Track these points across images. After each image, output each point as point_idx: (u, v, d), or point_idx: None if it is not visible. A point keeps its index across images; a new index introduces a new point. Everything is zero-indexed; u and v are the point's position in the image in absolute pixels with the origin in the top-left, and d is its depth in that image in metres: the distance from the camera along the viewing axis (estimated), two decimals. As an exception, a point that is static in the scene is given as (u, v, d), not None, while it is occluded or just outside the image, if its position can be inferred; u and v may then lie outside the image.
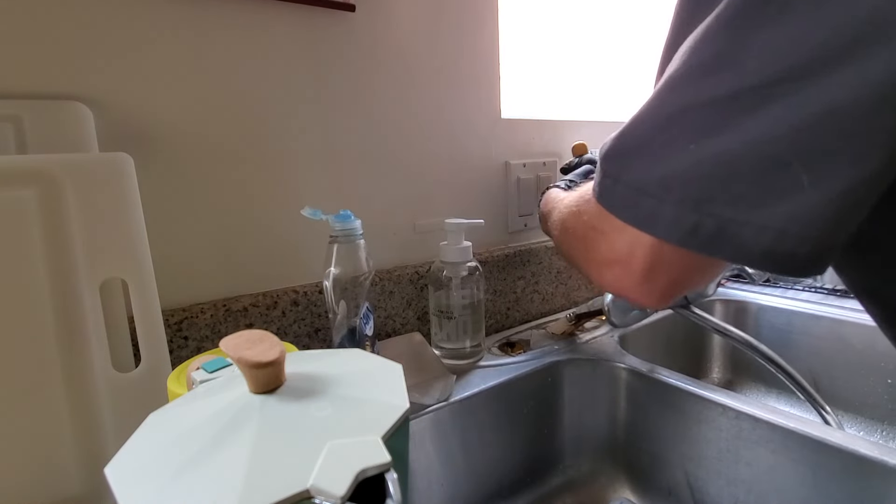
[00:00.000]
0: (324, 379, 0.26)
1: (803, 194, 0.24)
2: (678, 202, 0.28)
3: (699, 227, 0.27)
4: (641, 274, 0.32)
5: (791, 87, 0.24)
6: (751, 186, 0.26)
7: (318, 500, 0.19)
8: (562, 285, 0.83)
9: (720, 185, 0.26)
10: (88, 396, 0.40)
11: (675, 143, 0.28)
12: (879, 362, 0.71)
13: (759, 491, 0.49)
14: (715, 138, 0.26)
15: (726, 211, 0.26)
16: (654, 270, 0.31)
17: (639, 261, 0.31)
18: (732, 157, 0.26)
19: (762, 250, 0.26)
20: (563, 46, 0.90)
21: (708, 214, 0.27)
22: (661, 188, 0.28)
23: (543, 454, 0.63)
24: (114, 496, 0.20)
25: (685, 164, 0.27)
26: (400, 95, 0.63)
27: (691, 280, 0.33)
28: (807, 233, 0.25)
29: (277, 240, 0.56)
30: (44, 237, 0.39)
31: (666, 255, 0.30)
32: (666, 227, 0.28)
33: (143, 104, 0.47)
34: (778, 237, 0.25)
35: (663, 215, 0.28)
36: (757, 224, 0.26)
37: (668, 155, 0.28)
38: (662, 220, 0.28)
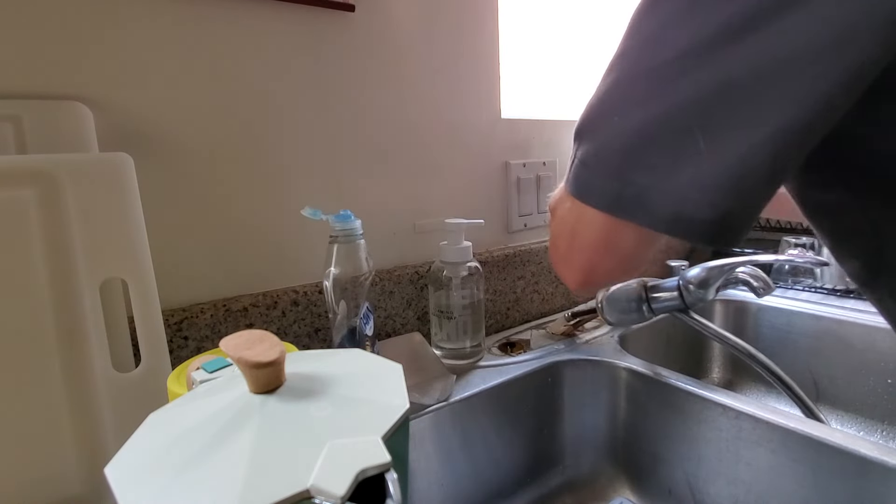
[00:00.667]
0: (324, 379, 0.26)
1: (702, 160, 0.26)
2: (605, 171, 0.30)
3: (621, 194, 0.29)
4: (563, 253, 0.35)
5: (694, 60, 0.26)
6: (662, 154, 0.27)
7: (318, 500, 0.19)
8: (562, 285, 0.83)
9: (638, 154, 0.28)
10: (88, 396, 0.40)
11: (607, 116, 0.30)
12: (879, 362, 0.71)
13: (759, 491, 0.49)
14: (636, 109, 0.28)
15: (643, 178, 0.28)
16: (571, 250, 0.34)
17: (562, 238, 0.34)
18: (648, 127, 0.28)
19: (669, 215, 0.27)
20: (563, 46, 0.90)
21: (629, 182, 0.29)
22: (594, 159, 0.31)
23: (543, 454, 0.63)
24: (114, 496, 0.20)
25: (612, 135, 0.30)
26: (400, 95, 0.63)
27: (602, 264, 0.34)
28: (707, 198, 0.26)
29: (277, 240, 0.56)
30: (44, 237, 0.39)
31: (582, 235, 0.33)
32: (596, 195, 0.31)
33: (143, 104, 0.47)
34: (681, 203, 0.27)
35: (594, 185, 0.31)
36: (664, 190, 0.27)
37: (602, 128, 0.30)
38: (594, 190, 0.31)
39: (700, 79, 0.26)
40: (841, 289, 0.83)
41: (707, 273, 0.58)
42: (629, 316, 0.61)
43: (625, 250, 0.33)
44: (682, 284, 0.59)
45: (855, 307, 0.76)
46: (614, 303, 0.61)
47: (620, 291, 0.61)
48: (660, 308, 0.60)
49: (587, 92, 0.33)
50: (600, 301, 0.61)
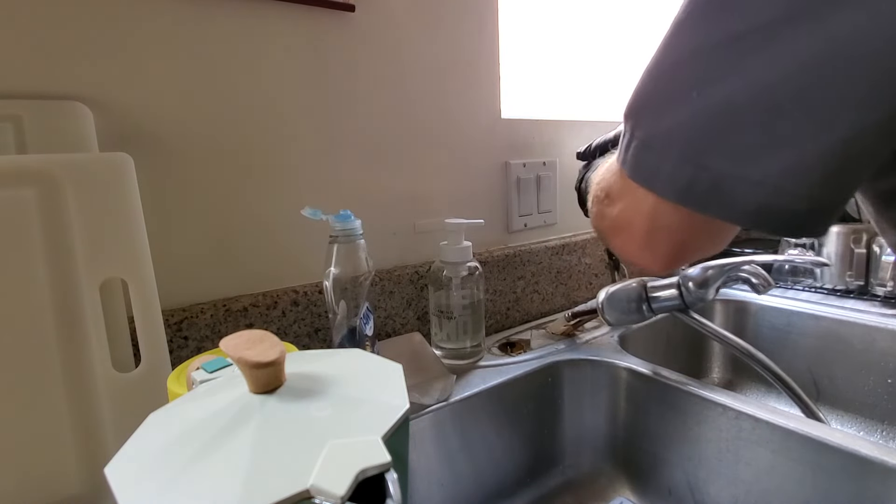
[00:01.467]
0: (324, 379, 0.26)
1: (802, 145, 0.23)
2: (677, 156, 0.26)
3: (694, 183, 0.26)
4: (642, 239, 0.31)
5: (793, 26, 0.22)
6: (749, 138, 0.24)
7: (318, 500, 0.19)
8: (562, 285, 0.83)
9: (718, 136, 0.25)
10: (88, 396, 0.40)
11: (680, 91, 0.26)
12: (879, 362, 0.71)
13: (759, 491, 0.49)
14: (717, 85, 0.24)
15: (723, 165, 0.25)
16: (653, 235, 0.31)
17: (638, 226, 0.31)
18: (732, 105, 0.24)
19: (754, 207, 0.24)
20: (563, 46, 0.90)
21: (704, 168, 0.25)
22: (664, 141, 0.27)
23: (543, 454, 0.63)
24: (114, 496, 0.20)
25: (687, 114, 0.26)
26: (400, 95, 0.63)
27: (695, 244, 0.31)
28: (803, 188, 0.23)
29: (277, 240, 0.56)
30: (44, 237, 0.39)
31: (664, 218, 0.29)
32: (663, 183, 0.27)
33: (143, 104, 0.47)
34: (773, 193, 0.24)
35: (663, 171, 0.27)
36: (752, 179, 0.24)
37: (673, 105, 0.27)
38: (661, 176, 0.27)
39: (798, 48, 0.22)
40: (841, 289, 0.83)
41: (707, 273, 0.58)
42: (629, 316, 0.61)
43: (712, 233, 0.30)
44: (681, 284, 0.59)
45: (855, 307, 0.76)
46: (615, 303, 0.61)
47: (621, 291, 0.61)
48: (660, 307, 0.60)
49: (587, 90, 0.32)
50: (601, 302, 0.61)
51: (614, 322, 0.61)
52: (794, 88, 0.22)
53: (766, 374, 0.57)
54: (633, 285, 0.61)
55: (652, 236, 0.31)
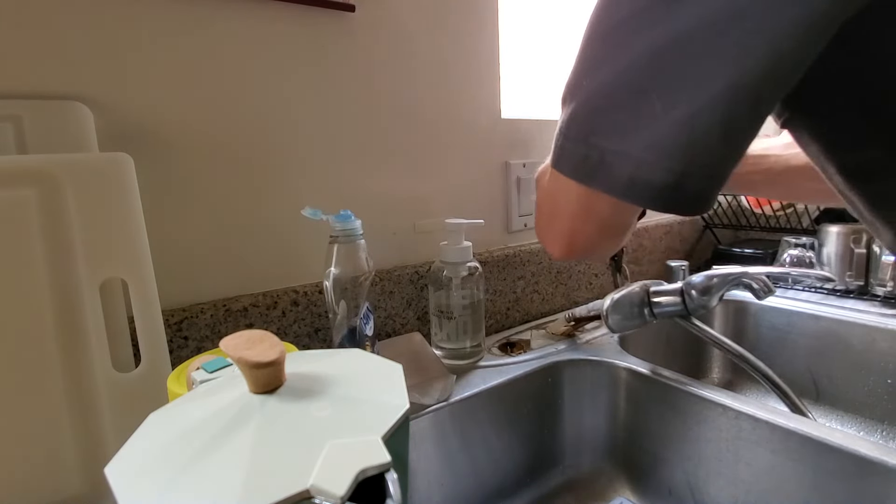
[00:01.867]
0: (324, 379, 0.26)
1: (656, 121, 0.26)
2: (575, 137, 0.30)
3: (586, 159, 0.29)
4: (544, 220, 0.35)
5: (648, 16, 0.25)
6: (621, 116, 0.27)
7: (318, 500, 0.19)
8: (562, 285, 0.83)
9: (601, 116, 0.28)
10: (88, 396, 0.40)
11: (578, 80, 0.30)
12: (879, 362, 0.71)
13: (759, 491, 0.49)
14: (596, 71, 0.28)
15: (604, 142, 0.28)
16: (551, 217, 0.34)
17: (542, 206, 0.35)
18: (607, 88, 0.28)
19: (626, 180, 0.27)
20: (563, 46, 0.90)
21: (592, 146, 0.28)
22: (568, 125, 0.30)
23: (543, 454, 0.63)
24: (114, 496, 0.20)
25: (581, 99, 0.29)
26: (400, 95, 0.63)
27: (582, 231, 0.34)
28: (662, 161, 0.26)
29: (277, 240, 0.56)
30: (44, 237, 0.39)
31: (560, 203, 0.33)
32: (566, 161, 0.31)
33: (143, 104, 0.47)
34: (636, 166, 0.26)
35: (566, 151, 0.31)
36: (624, 153, 0.27)
37: (574, 92, 0.30)
38: (564, 156, 0.31)
39: (653, 36, 0.25)
40: (841, 289, 0.83)
41: (710, 281, 0.58)
42: (632, 321, 0.61)
43: (602, 218, 0.33)
44: (685, 291, 0.59)
45: (855, 307, 0.76)
46: (619, 309, 0.60)
47: (625, 298, 0.60)
48: (661, 313, 0.60)
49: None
50: (606, 308, 0.60)
51: (617, 329, 0.61)
52: (649, 72, 0.26)
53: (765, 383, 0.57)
54: (636, 290, 0.61)
55: (551, 219, 0.34)
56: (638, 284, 0.61)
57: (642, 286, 0.61)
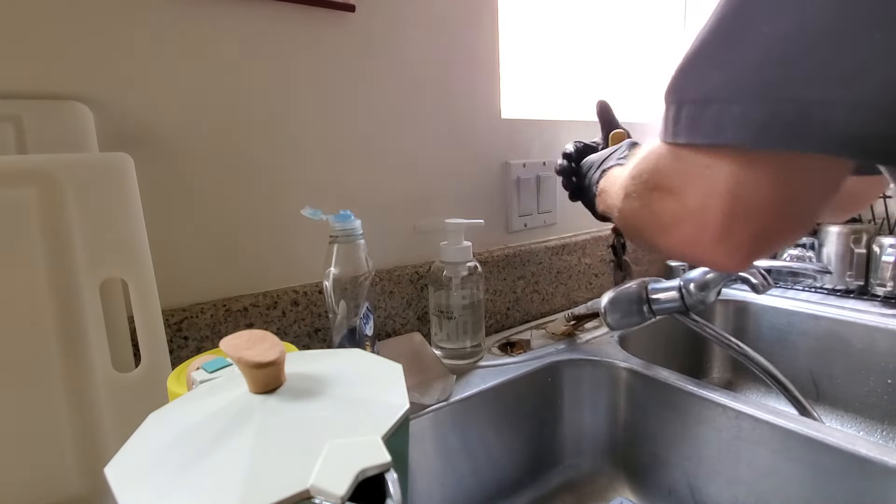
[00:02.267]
0: (324, 379, 0.26)
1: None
2: (747, 96, 0.23)
3: (775, 118, 0.22)
4: (718, 228, 0.26)
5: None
6: (834, 60, 0.21)
7: (318, 500, 0.19)
8: (562, 285, 0.83)
9: (796, 64, 0.22)
10: (88, 396, 0.40)
11: (736, 37, 0.24)
12: (879, 362, 0.71)
13: (759, 491, 0.49)
14: (785, 15, 0.22)
15: (807, 92, 0.22)
16: (732, 221, 0.26)
17: (713, 212, 0.26)
18: (808, 31, 0.22)
19: (856, 131, 0.21)
20: (563, 46, 0.90)
21: (785, 100, 0.22)
22: (727, 87, 0.24)
23: (543, 454, 0.63)
24: (114, 496, 0.20)
25: (750, 53, 0.23)
26: (400, 95, 0.63)
27: (781, 226, 0.27)
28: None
29: (277, 240, 0.56)
30: (44, 237, 0.39)
31: (747, 195, 0.25)
32: (735, 128, 0.24)
33: (143, 104, 0.47)
34: (873, 113, 0.21)
35: (730, 116, 0.24)
36: (846, 102, 0.21)
37: (729, 51, 0.24)
38: (730, 123, 0.24)
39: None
40: (841, 289, 0.83)
41: (707, 276, 0.58)
42: (630, 318, 0.61)
43: (801, 208, 0.26)
44: (683, 286, 0.59)
45: (855, 307, 0.76)
46: (617, 306, 0.61)
47: (622, 294, 0.61)
48: (660, 309, 0.60)
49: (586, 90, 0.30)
50: (604, 306, 0.60)
51: (616, 326, 0.61)
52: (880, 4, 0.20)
53: (766, 378, 0.57)
54: (634, 287, 0.61)
55: (732, 222, 0.26)
56: (636, 282, 0.62)
57: (640, 283, 0.61)
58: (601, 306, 0.61)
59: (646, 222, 0.33)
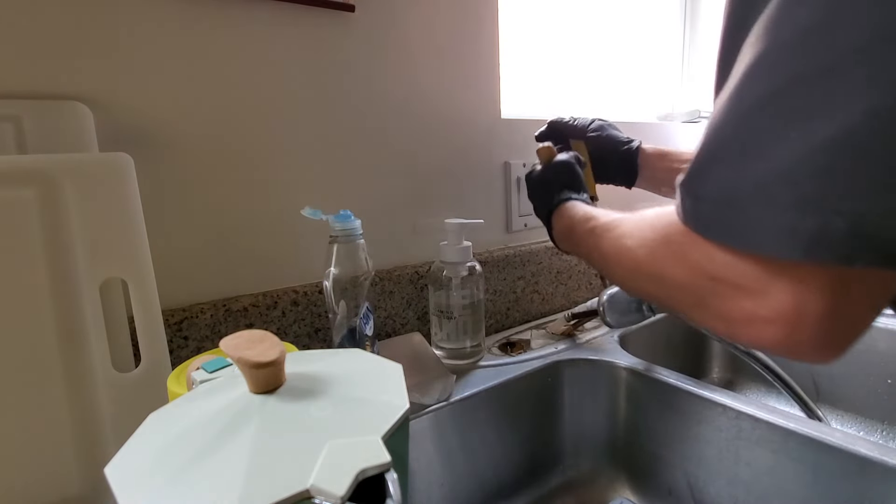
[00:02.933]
0: (324, 379, 0.26)
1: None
2: (786, 205, 0.22)
3: (825, 231, 0.21)
4: (817, 333, 0.24)
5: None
6: (883, 167, 0.20)
7: (318, 500, 0.19)
8: (561, 285, 0.83)
9: (841, 172, 0.21)
10: (88, 396, 0.40)
11: (767, 135, 0.23)
12: (879, 362, 0.71)
13: (759, 491, 0.49)
14: (823, 118, 0.21)
15: (856, 204, 0.21)
16: (833, 323, 0.24)
17: (811, 319, 0.24)
18: (852, 136, 0.20)
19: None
20: (563, 46, 0.90)
21: (833, 213, 0.21)
22: (758, 192, 0.23)
23: (543, 454, 0.63)
24: (114, 496, 0.20)
25: (786, 156, 0.22)
26: (399, 95, 0.63)
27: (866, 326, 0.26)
28: None
29: (277, 240, 0.56)
30: (44, 237, 0.39)
31: (850, 297, 0.24)
32: (775, 239, 0.23)
33: (143, 104, 0.47)
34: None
35: (766, 224, 0.23)
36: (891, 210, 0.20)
37: (761, 151, 0.23)
38: (768, 231, 0.23)
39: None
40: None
41: None
42: (629, 316, 0.61)
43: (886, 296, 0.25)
44: None
45: (855, 307, 0.76)
46: (616, 304, 0.61)
47: (621, 293, 0.61)
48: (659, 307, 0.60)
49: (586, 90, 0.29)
50: (603, 303, 0.60)
51: (615, 324, 0.61)
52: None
53: (769, 375, 0.57)
54: None
55: (832, 325, 0.24)
56: None
57: None
58: (598, 305, 0.61)
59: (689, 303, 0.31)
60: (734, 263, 0.26)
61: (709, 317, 0.29)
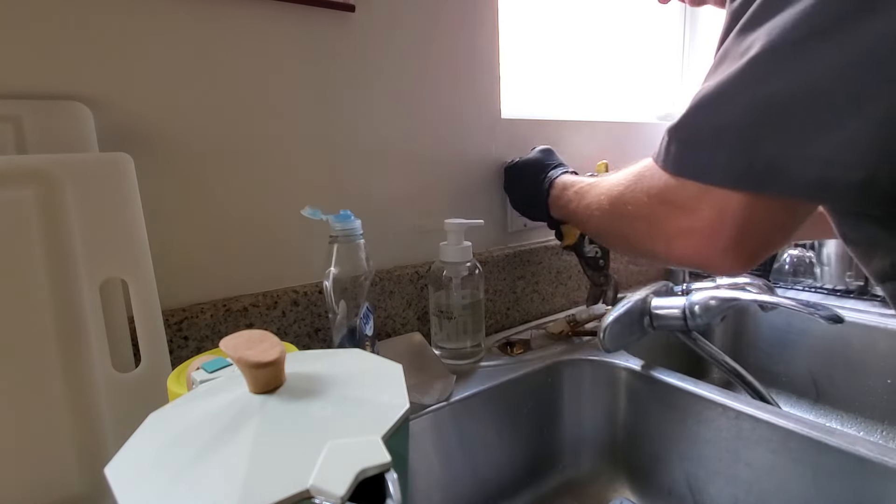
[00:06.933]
0: (324, 379, 0.26)
1: (850, 120, 0.27)
2: (730, 147, 0.31)
3: (751, 168, 0.30)
4: (730, 239, 0.33)
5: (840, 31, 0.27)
6: (799, 123, 0.28)
7: (318, 500, 0.19)
8: (561, 285, 0.83)
9: (769, 125, 0.29)
10: (88, 396, 0.40)
11: (728, 97, 0.31)
12: (879, 362, 0.71)
13: (759, 491, 0.49)
14: (766, 84, 0.29)
15: (776, 149, 0.29)
16: (743, 233, 0.33)
17: (728, 226, 0.33)
18: (783, 98, 0.29)
19: (814, 181, 0.28)
20: (563, 46, 0.90)
21: (759, 154, 0.30)
22: (715, 137, 0.32)
23: (543, 454, 0.63)
24: (114, 496, 0.20)
25: (737, 111, 0.31)
26: (399, 95, 0.63)
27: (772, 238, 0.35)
28: (857, 159, 0.27)
29: (277, 240, 0.56)
30: (44, 237, 0.39)
31: (753, 219, 0.32)
32: (722, 172, 0.31)
33: (143, 104, 0.47)
34: (825, 167, 0.28)
35: (717, 162, 0.32)
36: (806, 157, 0.28)
37: (722, 106, 0.31)
38: (717, 167, 0.32)
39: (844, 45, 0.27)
40: (841, 289, 0.83)
41: (713, 302, 0.58)
42: (630, 338, 0.61)
43: (773, 221, 0.33)
44: (687, 308, 0.59)
45: (855, 307, 0.76)
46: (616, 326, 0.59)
47: (625, 316, 0.60)
48: (662, 326, 0.61)
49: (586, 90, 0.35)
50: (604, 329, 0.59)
51: (612, 349, 0.60)
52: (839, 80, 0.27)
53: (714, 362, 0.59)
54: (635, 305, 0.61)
55: (742, 235, 0.33)
56: (637, 299, 0.61)
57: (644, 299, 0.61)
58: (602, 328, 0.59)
59: (642, 234, 0.40)
60: (680, 188, 0.35)
61: (656, 237, 0.38)
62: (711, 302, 0.58)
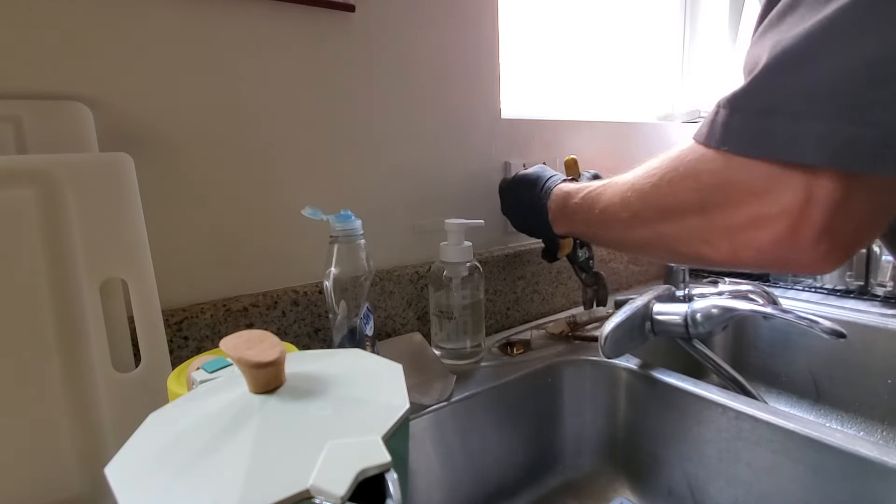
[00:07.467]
0: (324, 379, 0.26)
1: None
2: (825, 115, 0.24)
3: (857, 140, 0.23)
4: (820, 228, 0.26)
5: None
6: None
7: (318, 500, 0.19)
8: (561, 285, 0.83)
9: (878, 87, 0.22)
10: (88, 396, 0.40)
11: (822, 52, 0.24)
12: (879, 362, 0.71)
13: (759, 491, 0.49)
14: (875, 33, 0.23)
15: (890, 117, 0.22)
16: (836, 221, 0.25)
17: (818, 213, 0.25)
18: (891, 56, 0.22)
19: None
20: (563, 46, 0.90)
21: (867, 124, 0.23)
22: (803, 103, 0.24)
23: (543, 454, 0.62)
24: (114, 496, 0.20)
25: (835, 69, 0.23)
26: (400, 95, 0.63)
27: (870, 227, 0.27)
28: None
29: (277, 240, 0.56)
30: (44, 237, 0.39)
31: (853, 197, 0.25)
32: (815, 146, 0.24)
33: (143, 104, 0.47)
34: None
35: (808, 134, 0.24)
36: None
37: (813, 65, 0.24)
38: (808, 140, 0.24)
39: None
40: (841, 289, 0.83)
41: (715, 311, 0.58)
42: (630, 344, 0.61)
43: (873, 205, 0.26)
44: (689, 315, 0.59)
45: (855, 307, 0.76)
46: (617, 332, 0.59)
47: (626, 322, 0.60)
48: (663, 332, 0.61)
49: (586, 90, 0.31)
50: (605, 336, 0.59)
51: (613, 356, 0.60)
52: None
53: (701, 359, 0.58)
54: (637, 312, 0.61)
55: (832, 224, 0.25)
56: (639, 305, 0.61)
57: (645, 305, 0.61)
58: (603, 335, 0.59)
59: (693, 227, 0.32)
60: (746, 169, 0.27)
61: (713, 233, 0.31)
62: (713, 311, 0.58)
